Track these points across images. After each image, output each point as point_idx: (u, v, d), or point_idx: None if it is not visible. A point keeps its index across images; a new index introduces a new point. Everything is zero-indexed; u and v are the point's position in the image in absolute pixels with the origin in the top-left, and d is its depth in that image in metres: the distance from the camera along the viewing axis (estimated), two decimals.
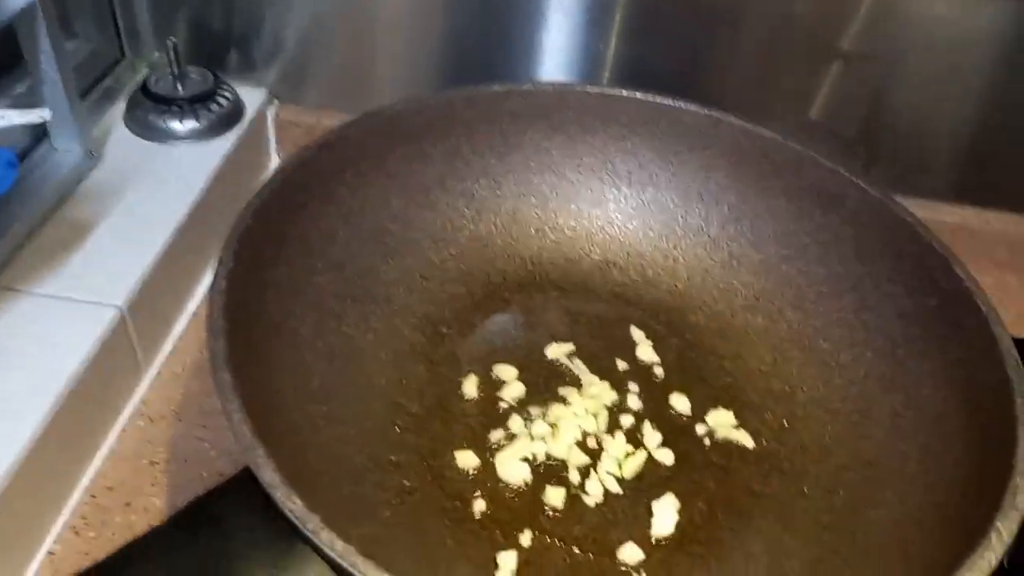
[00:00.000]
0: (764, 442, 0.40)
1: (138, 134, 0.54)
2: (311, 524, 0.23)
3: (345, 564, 0.23)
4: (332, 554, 0.23)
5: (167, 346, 0.48)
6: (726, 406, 0.41)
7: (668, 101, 0.45)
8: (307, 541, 0.23)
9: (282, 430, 0.32)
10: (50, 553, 0.38)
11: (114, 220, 0.47)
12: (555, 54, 0.54)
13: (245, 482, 0.25)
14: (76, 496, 0.40)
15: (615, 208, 0.48)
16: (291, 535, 0.23)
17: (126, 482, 0.41)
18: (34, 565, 0.37)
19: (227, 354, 0.28)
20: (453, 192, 0.45)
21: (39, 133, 0.48)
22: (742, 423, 0.40)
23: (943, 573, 0.25)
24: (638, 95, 0.45)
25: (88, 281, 0.43)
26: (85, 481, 0.41)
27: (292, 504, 0.24)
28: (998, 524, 0.26)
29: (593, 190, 0.48)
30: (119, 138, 0.53)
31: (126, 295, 0.43)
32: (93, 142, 0.51)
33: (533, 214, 0.47)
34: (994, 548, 0.26)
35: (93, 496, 0.40)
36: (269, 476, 0.24)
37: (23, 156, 0.48)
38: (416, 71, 0.59)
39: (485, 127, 0.45)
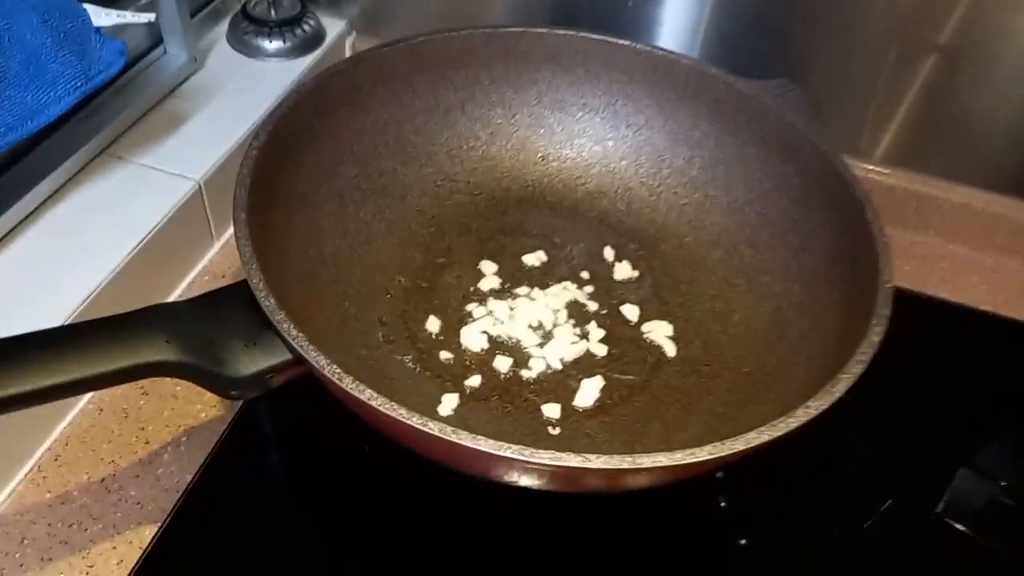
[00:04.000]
0: (692, 350, 0.46)
1: (236, 49, 0.65)
2: (279, 317, 0.33)
3: (296, 344, 0.32)
4: (288, 337, 0.33)
5: None
6: (669, 319, 0.48)
7: (663, 52, 0.51)
8: (275, 330, 0.33)
9: (291, 274, 0.42)
10: None
11: (206, 115, 0.59)
12: (649, 25, 0.60)
13: (243, 287, 0.34)
14: None
15: (612, 146, 0.55)
16: (268, 326, 0.33)
17: None
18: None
19: (246, 201, 0.37)
20: (471, 116, 0.54)
21: (156, 38, 0.60)
22: (680, 334, 0.47)
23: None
24: (637, 45, 0.52)
25: (178, 158, 0.55)
26: None
27: (267, 302, 0.33)
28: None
29: (595, 128, 0.55)
30: (220, 51, 0.64)
31: (204, 172, 0.54)
32: (197, 51, 0.62)
33: (540, 143, 0.55)
34: None
35: None
36: (255, 279, 0.34)
37: (143, 55, 0.59)
38: (487, 17, 0.67)
39: (503, 63, 0.53)
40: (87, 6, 0.46)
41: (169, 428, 0.46)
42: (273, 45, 0.64)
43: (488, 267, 0.50)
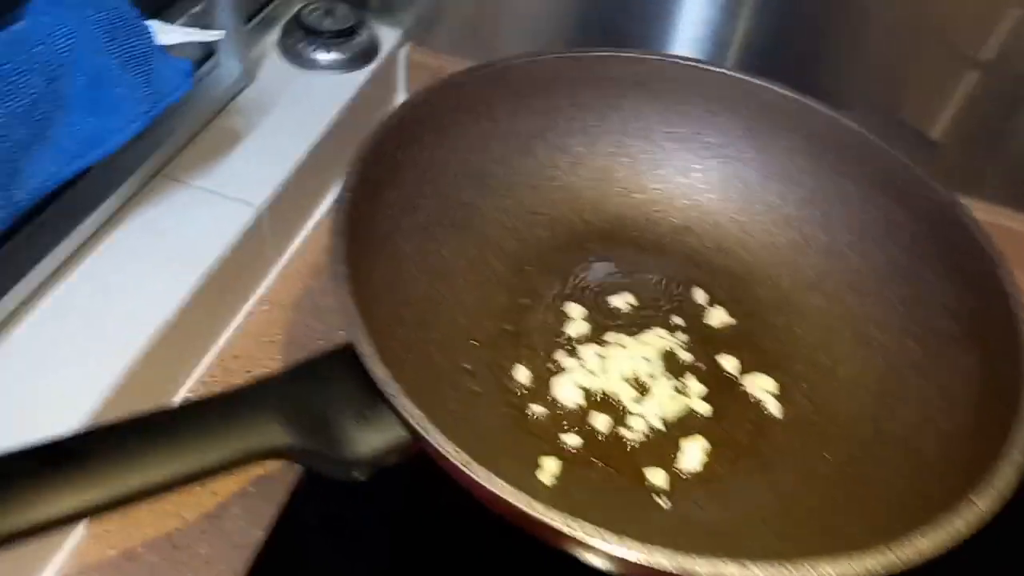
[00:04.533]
0: (798, 408, 0.43)
1: (288, 60, 0.61)
2: (391, 389, 0.30)
3: (414, 423, 0.29)
4: (406, 415, 0.29)
5: (292, 246, 0.55)
6: (770, 372, 0.45)
7: (759, 81, 0.48)
8: (388, 403, 0.30)
9: (380, 324, 0.38)
10: (190, 392, 0.46)
11: (261, 132, 0.55)
12: (685, 28, 0.57)
13: (345, 352, 0.31)
14: (208, 359, 0.48)
15: (699, 178, 0.51)
16: (376, 396, 0.30)
17: (249, 354, 0.49)
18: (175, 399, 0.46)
19: (344, 251, 0.34)
20: (551, 144, 0.50)
21: (207, 50, 0.56)
22: (782, 389, 0.44)
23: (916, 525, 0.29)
24: (730, 72, 0.48)
25: (236, 181, 0.51)
26: (217, 348, 0.49)
27: (379, 374, 0.30)
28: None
29: (681, 158, 0.51)
30: (272, 62, 0.61)
31: (265, 197, 0.51)
32: (250, 63, 0.58)
33: (622, 174, 0.52)
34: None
35: (222, 361, 0.48)
36: (365, 348, 0.31)
37: (194, 68, 0.55)
38: (543, 28, 0.64)
39: (587, 88, 0.49)
40: (149, 22, 0.43)
41: (236, 478, 0.43)
42: (328, 57, 0.61)
43: (575, 310, 0.46)
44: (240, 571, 0.40)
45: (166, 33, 0.43)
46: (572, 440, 0.41)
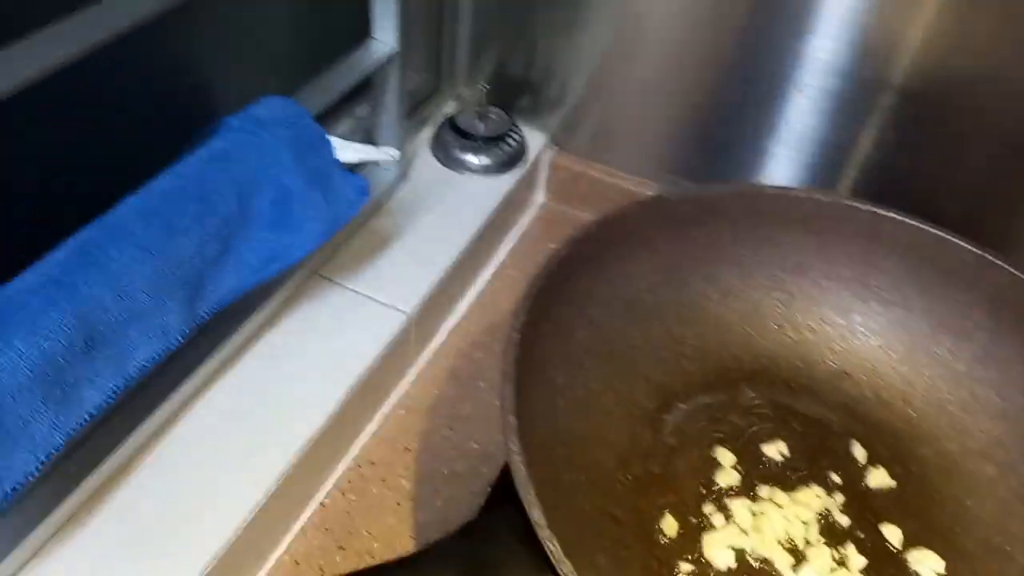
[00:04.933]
0: None
1: (440, 161, 0.62)
2: (566, 568, 0.29)
3: None
4: None
5: (432, 348, 0.56)
6: (938, 550, 0.41)
7: (938, 231, 0.46)
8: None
9: (534, 467, 0.38)
10: (321, 504, 0.46)
11: (413, 234, 0.56)
12: (801, 144, 0.56)
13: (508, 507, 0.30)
14: (346, 463, 0.48)
15: (860, 321, 0.49)
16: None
17: (384, 460, 0.49)
18: (308, 511, 0.46)
19: (515, 401, 0.34)
20: (705, 276, 0.49)
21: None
22: (951, 571, 0.41)
23: None
24: (906, 219, 0.46)
25: (387, 285, 0.52)
26: (355, 452, 0.49)
27: (554, 547, 0.29)
28: None
29: (841, 299, 0.49)
30: (423, 162, 0.62)
31: (415, 303, 0.51)
32: (405, 163, 0.60)
33: (776, 310, 0.50)
34: None
35: (359, 466, 0.49)
36: (543, 530, 0.30)
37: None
38: (674, 137, 0.63)
39: (749, 222, 0.48)
40: (331, 138, 0.44)
41: None
42: (480, 161, 0.62)
43: (725, 457, 0.44)
44: None
45: (344, 150, 0.44)
46: None
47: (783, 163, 0.57)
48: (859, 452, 0.45)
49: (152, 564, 0.37)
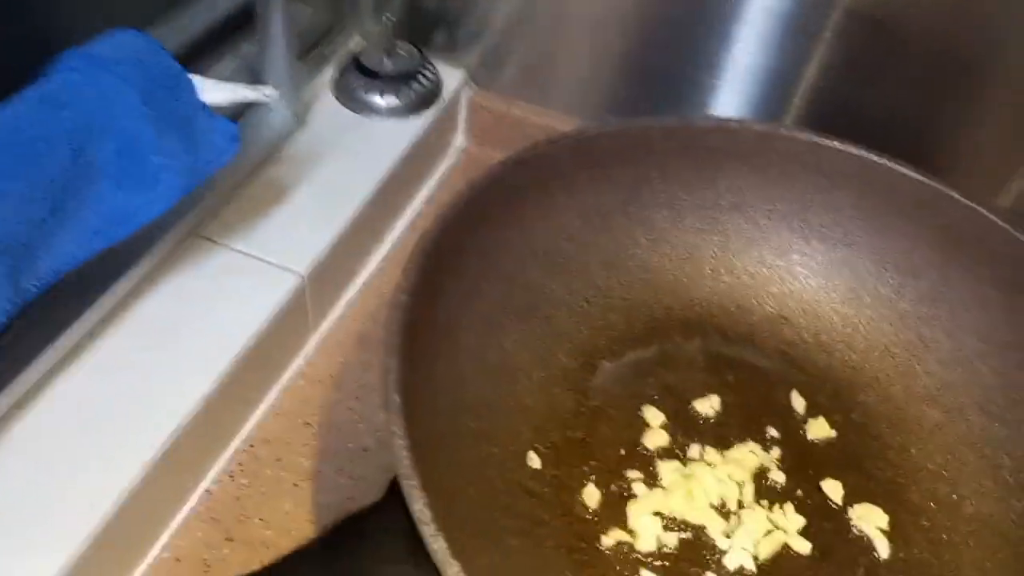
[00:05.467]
0: (915, 551, 0.37)
1: (342, 103, 0.56)
2: (452, 571, 0.24)
3: None
4: None
5: (335, 313, 0.50)
6: (882, 504, 0.38)
7: (886, 162, 0.42)
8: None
9: (434, 443, 0.33)
10: (207, 491, 0.41)
11: (309, 185, 0.50)
12: (741, 77, 0.51)
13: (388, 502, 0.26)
14: (236, 443, 0.43)
15: (800, 261, 0.45)
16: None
17: (281, 438, 0.44)
18: (192, 499, 0.41)
19: (399, 375, 0.29)
20: (633, 218, 0.45)
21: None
22: (897, 526, 0.38)
23: None
24: (849, 148, 0.42)
25: (278, 244, 0.46)
26: (246, 431, 0.44)
27: (437, 544, 0.25)
28: None
29: (781, 238, 0.45)
30: (324, 105, 0.56)
31: (310, 263, 0.46)
32: (301, 106, 0.54)
33: (711, 253, 0.46)
34: None
35: (251, 446, 0.44)
36: (419, 510, 0.25)
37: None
38: (606, 73, 0.58)
39: (680, 159, 0.43)
40: (194, 77, 0.38)
41: None
42: (387, 101, 0.56)
43: (654, 416, 0.41)
44: None
45: (212, 91, 0.38)
46: None
47: (725, 96, 0.52)
48: (798, 402, 0.42)
49: (3, 562, 0.32)
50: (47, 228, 0.32)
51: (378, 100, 0.56)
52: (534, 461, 0.38)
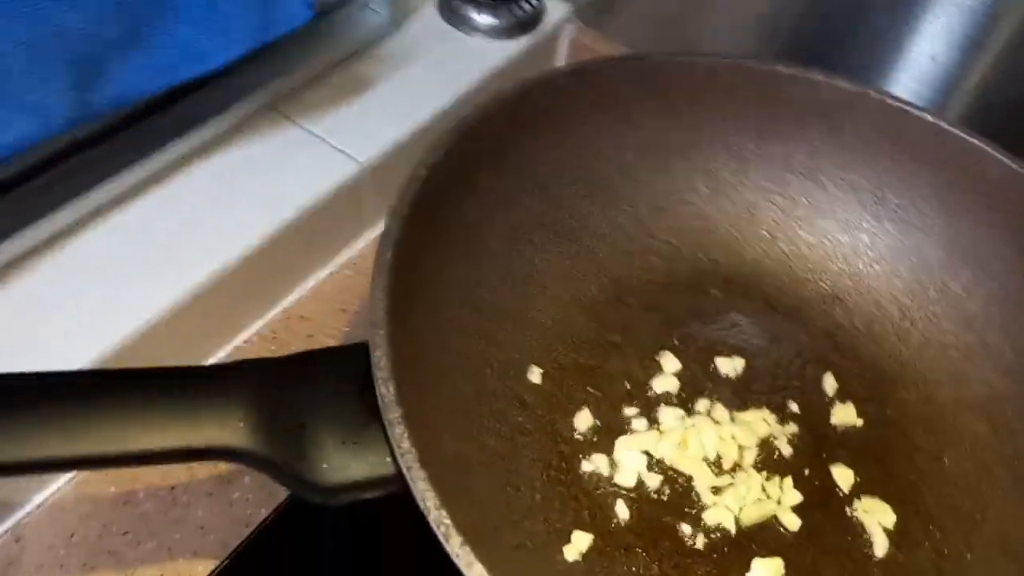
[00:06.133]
0: (917, 558, 0.34)
1: (444, 17, 0.57)
2: (393, 415, 0.24)
3: (401, 460, 0.23)
4: (395, 447, 0.24)
5: None
6: (893, 503, 0.35)
7: (980, 143, 0.38)
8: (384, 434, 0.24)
9: (434, 326, 0.33)
10: (236, 348, 0.43)
11: (391, 85, 0.51)
12: (900, 62, 0.47)
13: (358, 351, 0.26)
14: (275, 311, 0.45)
15: (867, 241, 0.42)
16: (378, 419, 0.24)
17: (316, 318, 0.45)
18: (227, 348, 0.43)
19: (398, 239, 0.29)
20: (694, 164, 0.43)
21: None
22: (902, 527, 0.35)
23: None
24: (944, 124, 0.39)
25: (349, 131, 0.47)
26: (286, 302, 0.46)
27: (387, 390, 0.25)
28: None
29: (849, 212, 0.42)
30: (425, 15, 0.56)
31: (373, 154, 0.47)
32: (401, 12, 0.55)
33: (772, 215, 0.43)
34: None
35: (288, 318, 0.45)
36: (380, 353, 0.25)
37: (340, 3, 0.52)
38: (732, 31, 0.56)
39: (754, 107, 0.41)
40: None
41: None
42: (485, 20, 0.56)
43: (669, 362, 0.39)
44: (230, 546, 0.37)
45: None
46: (618, 515, 0.34)
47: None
48: (830, 384, 0.39)
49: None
50: (119, 50, 0.34)
51: (475, 17, 0.56)
52: (535, 375, 0.37)
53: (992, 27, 0.44)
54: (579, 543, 0.33)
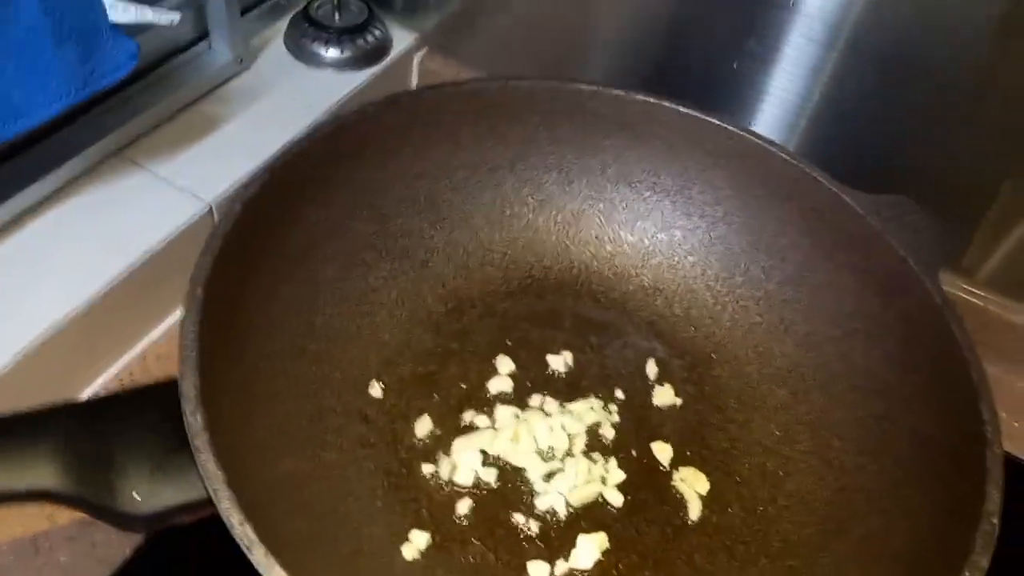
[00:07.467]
0: (728, 518, 0.38)
1: (292, 53, 0.59)
2: (199, 440, 0.26)
3: (207, 482, 0.26)
4: (201, 469, 0.26)
5: None
6: (709, 471, 0.39)
7: (761, 141, 0.43)
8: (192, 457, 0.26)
9: (262, 352, 0.35)
10: (102, 385, 0.44)
11: (239, 123, 0.53)
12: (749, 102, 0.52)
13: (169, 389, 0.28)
14: (130, 356, 0.46)
15: (680, 236, 0.46)
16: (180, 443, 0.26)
17: (174, 357, 0.46)
18: (87, 391, 0.44)
19: (208, 274, 0.31)
20: (521, 177, 0.46)
21: (202, 30, 0.54)
22: (716, 494, 0.39)
23: None
24: (731, 127, 0.43)
25: (195, 172, 0.49)
26: (142, 345, 0.47)
27: (194, 418, 0.27)
28: None
29: (664, 213, 0.46)
30: (273, 53, 0.58)
31: (219, 193, 0.48)
32: (249, 50, 0.56)
33: (596, 220, 0.47)
34: None
35: (145, 358, 0.46)
36: (188, 385, 0.27)
37: (185, 48, 0.54)
38: (577, 62, 0.59)
39: (567, 123, 0.45)
40: None
41: None
42: (331, 53, 0.58)
43: (504, 364, 0.42)
44: None
45: (117, 11, 0.41)
46: (457, 511, 0.37)
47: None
48: (651, 369, 0.43)
49: None
50: None
51: (321, 51, 0.58)
52: (375, 390, 0.40)
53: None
54: (417, 541, 0.35)
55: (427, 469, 0.38)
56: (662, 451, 0.40)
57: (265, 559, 0.25)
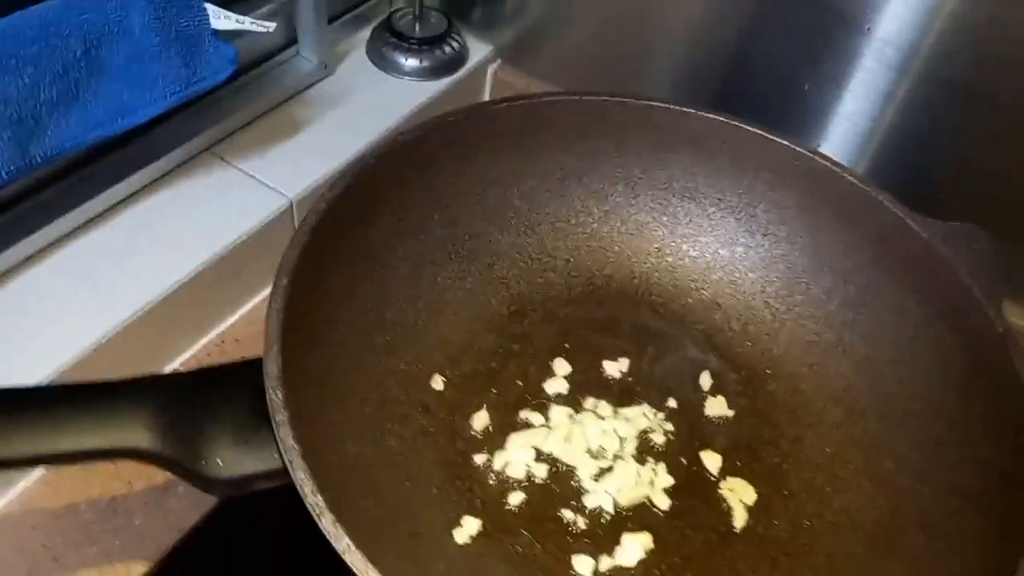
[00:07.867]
0: (774, 530, 0.38)
1: (373, 61, 0.62)
2: (280, 417, 0.29)
3: (284, 454, 0.28)
4: (280, 443, 0.28)
5: None
6: (757, 484, 0.40)
7: (831, 165, 0.43)
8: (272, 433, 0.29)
9: (336, 342, 0.38)
10: (182, 364, 0.47)
11: (321, 126, 0.56)
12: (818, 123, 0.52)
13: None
14: (212, 335, 0.50)
15: (742, 253, 0.47)
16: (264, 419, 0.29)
17: (249, 342, 0.50)
18: (170, 367, 0.47)
19: (295, 264, 0.33)
20: (588, 188, 0.47)
21: (291, 38, 0.57)
22: (763, 505, 0.39)
23: None
24: (798, 147, 0.44)
25: (279, 169, 0.52)
26: (221, 328, 0.50)
27: (275, 395, 0.29)
28: None
29: (727, 229, 0.47)
30: (355, 60, 0.62)
31: (301, 190, 0.51)
32: (332, 57, 0.60)
33: (659, 233, 0.48)
34: None
35: (222, 342, 0.50)
36: (271, 367, 0.30)
37: (274, 53, 0.57)
38: (649, 78, 0.60)
39: (636, 137, 0.46)
40: (208, 5, 0.44)
41: None
42: (411, 63, 0.61)
43: (561, 366, 0.43)
44: (165, 550, 0.40)
45: (219, 19, 0.44)
46: (509, 502, 0.38)
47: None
48: (705, 381, 0.44)
49: None
50: (57, 109, 0.39)
51: (402, 60, 0.61)
52: (437, 383, 0.42)
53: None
54: (469, 527, 0.37)
55: (482, 460, 0.39)
56: (711, 460, 0.41)
57: (333, 528, 0.27)
